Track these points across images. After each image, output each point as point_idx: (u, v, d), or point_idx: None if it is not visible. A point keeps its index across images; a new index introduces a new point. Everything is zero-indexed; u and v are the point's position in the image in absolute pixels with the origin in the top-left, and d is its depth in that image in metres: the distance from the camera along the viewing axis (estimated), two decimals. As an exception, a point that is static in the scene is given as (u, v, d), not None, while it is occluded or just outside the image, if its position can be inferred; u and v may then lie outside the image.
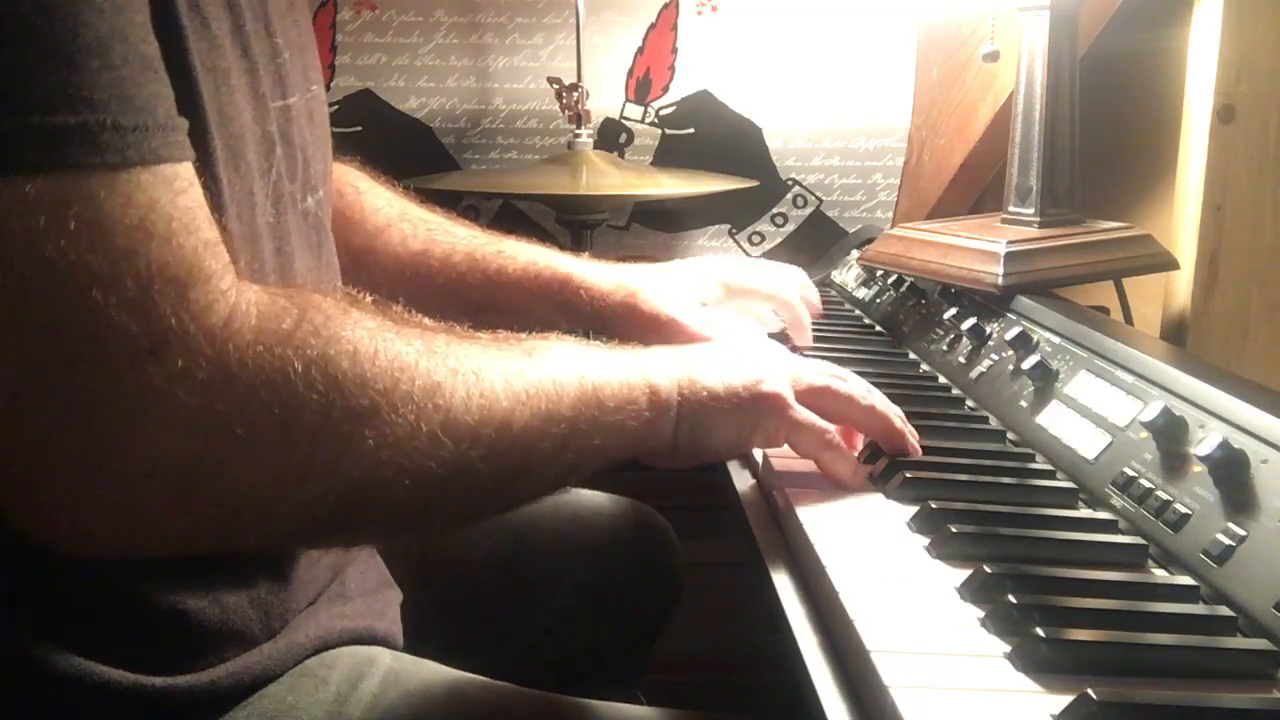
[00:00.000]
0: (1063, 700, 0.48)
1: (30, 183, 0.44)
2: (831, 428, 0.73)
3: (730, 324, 0.96)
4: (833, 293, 1.37)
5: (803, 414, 0.72)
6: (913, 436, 0.76)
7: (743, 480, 0.80)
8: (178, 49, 0.53)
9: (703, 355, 0.72)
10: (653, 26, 1.66)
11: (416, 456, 0.53)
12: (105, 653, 0.56)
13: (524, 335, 0.65)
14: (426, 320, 0.60)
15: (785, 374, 0.73)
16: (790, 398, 0.71)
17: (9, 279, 0.44)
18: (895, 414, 0.77)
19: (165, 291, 0.47)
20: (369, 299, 0.58)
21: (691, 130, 1.69)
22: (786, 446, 0.74)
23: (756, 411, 0.70)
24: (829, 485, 0.73)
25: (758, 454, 0.79)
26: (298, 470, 0.51)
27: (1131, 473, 0.69)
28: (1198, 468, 0.63)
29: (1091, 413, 0.76)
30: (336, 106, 1.67)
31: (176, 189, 0.48)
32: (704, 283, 1.00)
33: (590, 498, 1.06)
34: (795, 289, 1.05)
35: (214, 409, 0.48)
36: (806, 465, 0.74)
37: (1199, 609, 0.58)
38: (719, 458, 0.72)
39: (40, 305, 0.45)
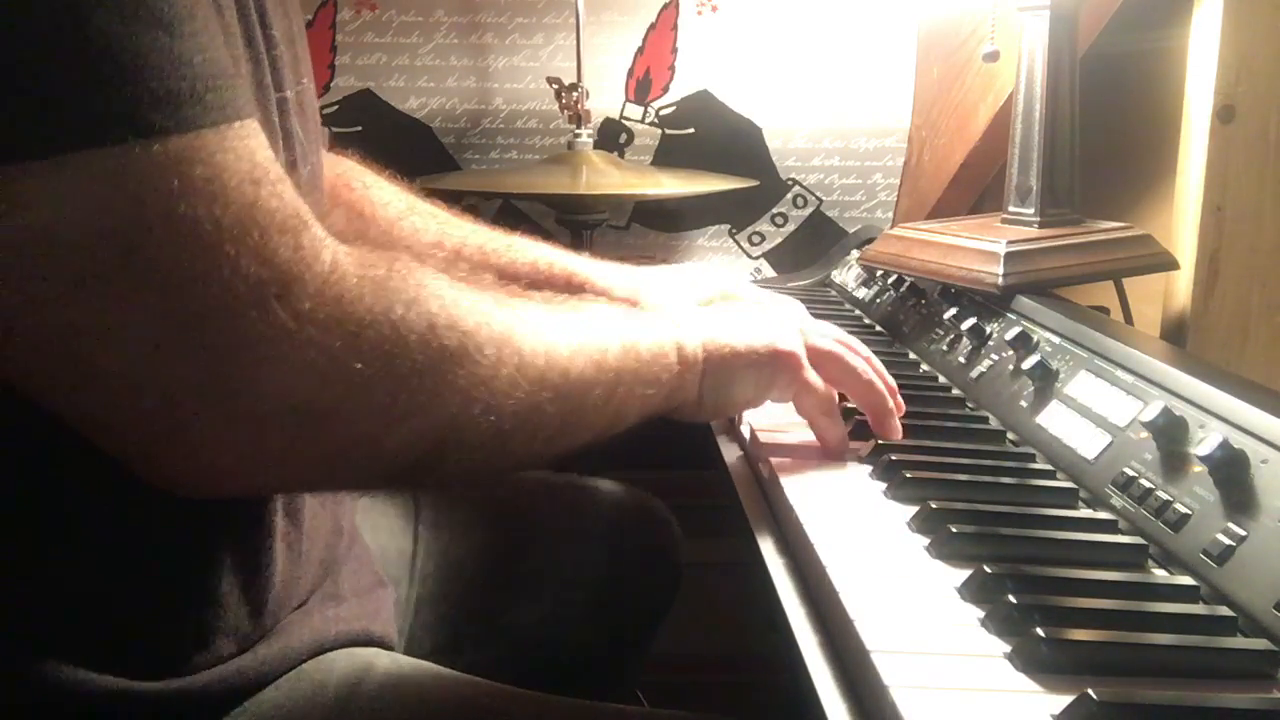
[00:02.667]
0: (1063, 700, 0.48)
1: (157, 144, 0.46)
2: (835, 395, 0.78)
3: None
4: (833, 293, 1.37)
5: (813, 377, 0.76)
6: (898, 412, 0.81)
7: (743, 481, 0.80)
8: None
9: (725, 316, 0.77)
10: (653, 26, 1.66)
11: (499, 396, 0.57)
12: (95, 659, 0.56)
13: (562, 296, 0.69)
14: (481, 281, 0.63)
15: (799, 335, 0.77)
16: (804, 358, 0.76)
17: (149, 240, 0.46)
18: (890, 393, 0.81)
19: (283, 239, 0.49)
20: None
21: (691, 130, 1.69)
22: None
23: (774, 369, 0.75)
24: (822, 483, 0.73)
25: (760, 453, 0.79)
26: (403, 406, 0.53)
27: (1131, 473, 0.69)
28: (1198, 468, 0.63)
29: (1091, 413, 0.76)
30: (336, 106, 1.68)
31: (259, 143, 0.51)
32: (705, 287, 1.01)
33: (588, 486, 1.05)
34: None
35: (335, 348, 0.51)
36: (804, 465, 0.74)
37: (1199, 609, 0.58)
38: (738, 410, 0.79)
39: (176, 261, 0.47)
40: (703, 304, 1.01)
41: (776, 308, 0.88)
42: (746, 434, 0.84)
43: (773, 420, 0.82)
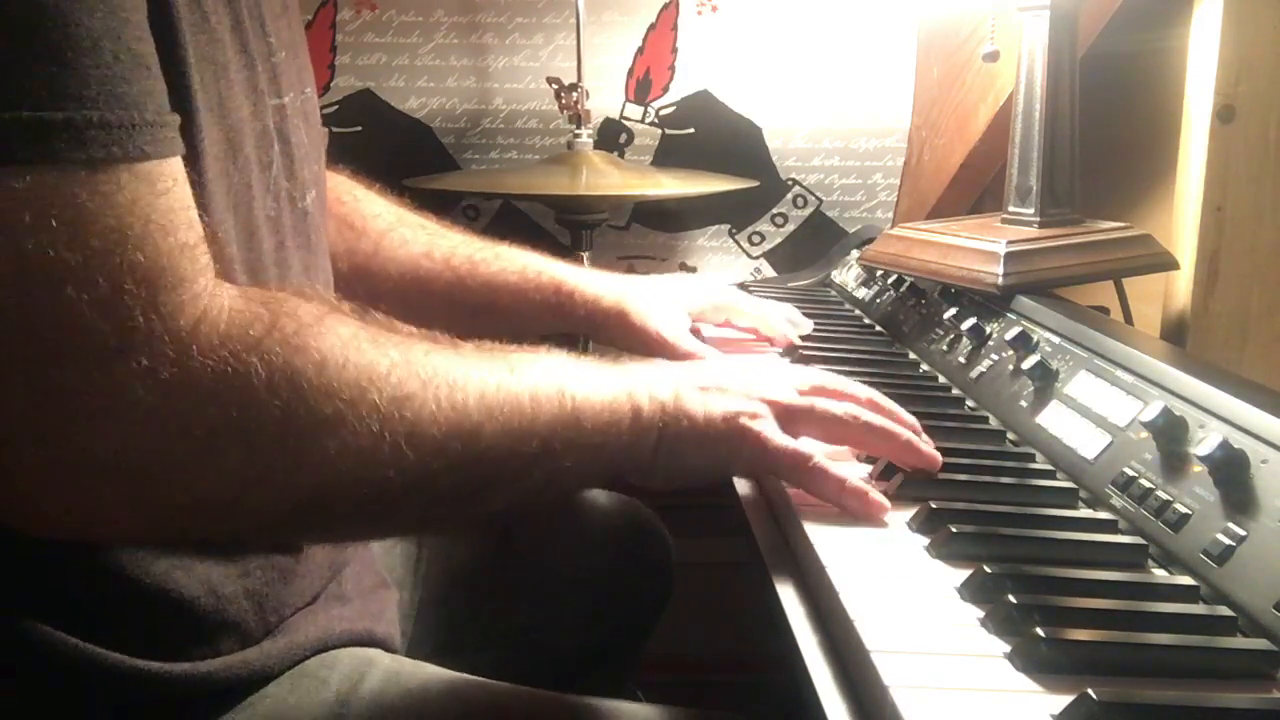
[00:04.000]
0: (1063, 700, 0.48)
1: (17, 177, 0.45)
2: (813, 453, 0.68)
3: (714, 348, 0.98)
4: (833, 293, 1.37)
5: (777, 444, 0.68)
6: (928, 445, 0.73)
7: (743, 482, 0.80)
8: (174, 42, 0.54)
9: (690, 378, 0.69)
10: (653, 26, 1.66)
11: (377, 466, 0.54)
12: (102, 636, 0.57)
13: (513, 346, 0.64)
14: (410, 328, 0.60)
15: (768, 400, 0.70)
16: (769, 429, 0.68)
17: None
18: (900, 425, 0.73)
19: (135, 292, 0.47)
20: (348, 306, 0.58)
21: (691, 130, 1.69)
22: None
23: (732, 444, 0.68)
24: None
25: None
26: (257, 474, 0.51)
27: (1131, 473, 0.69)
28: (1198, 468, 0.63)
29: (1091, 413, 0.76)
30: (336, 106, 1.68)
31: (159, 188, 0.49)
32: (692, 296, 1.02)
33: (584, 496, 1.06)
34: (780, 313, 1.07)
35: (176, 410, 0.49)
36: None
37: (1199, 609, 0.58)
38: (697, 483, 0.70)
39: (16, 299, 0.46)
40: (693, 314, 1.02)
41: (750, 369, 0.75)
42: None
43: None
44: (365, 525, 0.60)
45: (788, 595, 0.62)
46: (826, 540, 0.64)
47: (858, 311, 1.26)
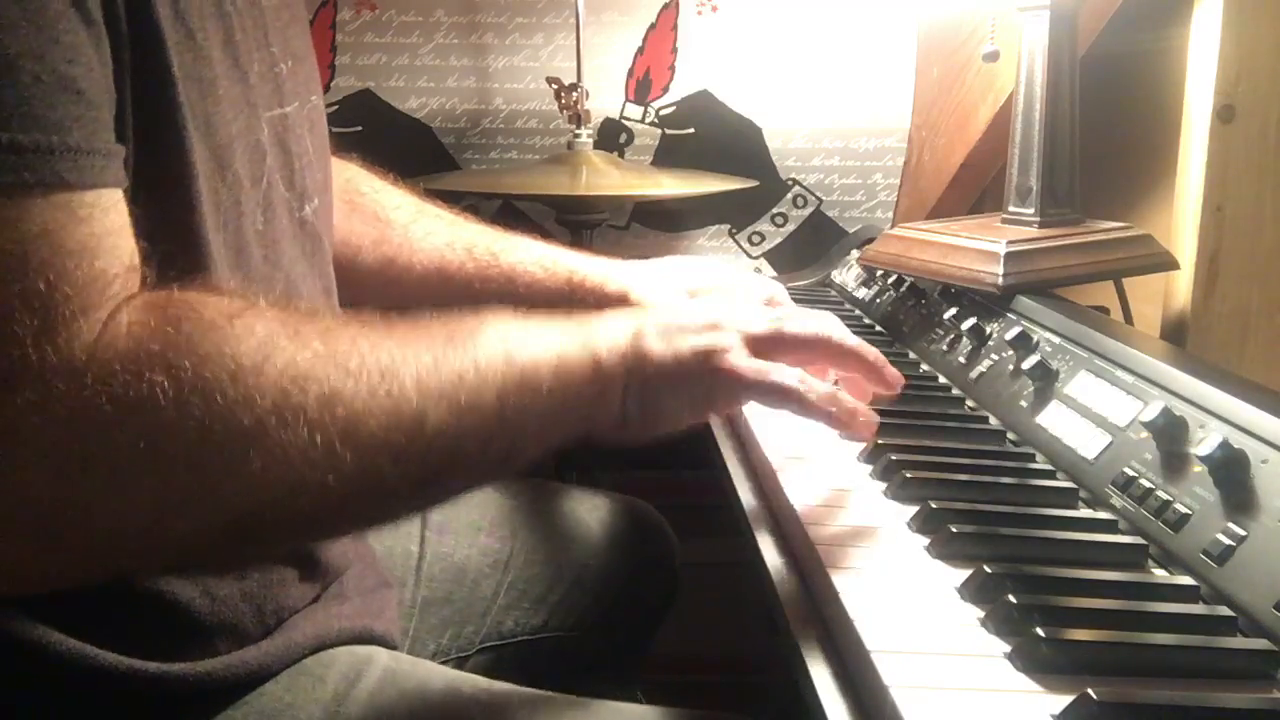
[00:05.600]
0: (1063, 700, 0.48)
1: None
2: (795, 374, 0.66)
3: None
4: (833, 293, 1.37)
5: (756, 372, 0.65)
6: (891, 370, 0.72)
7: (743, 481, 0.80)
8: (158, 60, 0.53)
9: (651, 322, 0.66)
10: (653, 26, 1.66)
11: (312, 472, 0.50)
12: (99, 637, 0.57)
13: (453, 316, 0.60)
14: (332, 316, 0.57)
15: (737, 331, 0.67)
16: (742, 360, 0.66)
17: None
18: (865, 349, 0.71)
19: (27, 323, 0.44)
20: (265, 300, 0.54)
21: (691, 130, 1.69)
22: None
23: (708, 382, 0.65)
24: (823, 483, 0.73)
25: (762, 456, 0.79)
26: (176, 499, 0.48)
27: (1131, 473, 0.69)
28: (1198, 468, 0.63)
29: (1091, 413, 0.76)
30: (336, 106, 1.68)
31: (80, 216, 0.46)
32: (693, 278, 1.01)
33: (587, 496, 1.06)
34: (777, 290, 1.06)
35: (73, 444, 0.45)
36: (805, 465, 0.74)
37: (1199, 609, 0.58)
38: (676, 429, 0.67)
39: None
40: (693, 295, 1.01)
41: (715, 305, 0.73)
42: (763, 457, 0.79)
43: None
44: (309, 534, 0.58)
45: (788, 595, 0.62)
46: (827, 540, 0.64)
47: (858, 311, 1.26)
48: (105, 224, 0.47)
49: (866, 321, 1.21)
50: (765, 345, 0.68)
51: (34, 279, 0.45)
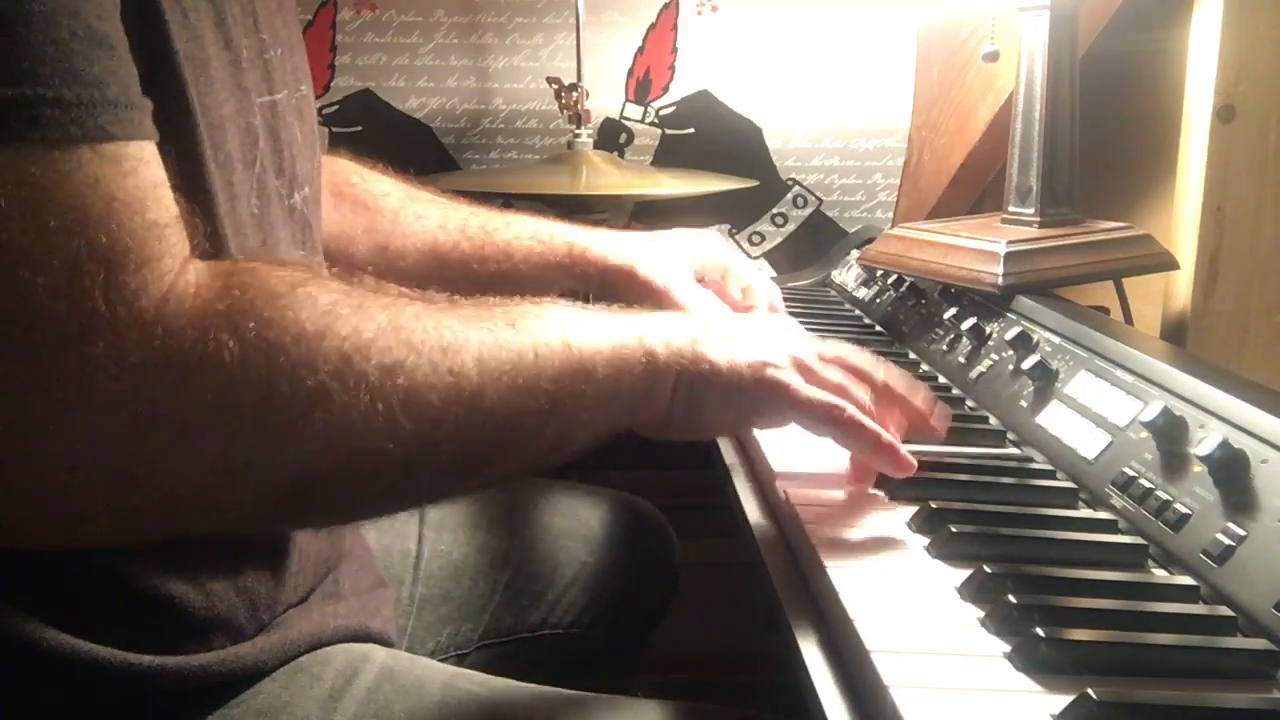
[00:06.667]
0: (1063, 700, 0.48)
1: None
2: (845, 404, 0.67)
3: (716, 300, 0.97)
4: (833, 293, 1.37)
5: (808, 394, 0.67)
6: (941, 415, 0.73)
7: (743, 483, 0.80)
8: (161, 34, 0.53)
9: (710, 326, 0.67)
10: (653, 26, 1.66)
11: (373, 438, 0.51)
12: (92, 630, 0.56)
13: (513, 300, 0.61)
14: (401, 290, 0.57)
15: (791, 354, 0.68)
16: (796, 381, 0.67)
17: None
18: (916, 393, 0.72)
19: (94, 274, 0.45)
20: (331, 271, 0.55)
21: (691, 130, 1.69)
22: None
23: (759, 394, 0.66)
24: (823, 483, 0.73)
25: (762, 456, 0.79)
26: (241, 458, 0.49)
27: (1131, 473, 0.69)
28: (1198, 468, 0.63)
29: (1091, 413, 0.76)
30: (336, 106, 1.68)
31: (125, 169, 0.47)
32: (697, 252, 1.01)
33: (586, 493, 1.06)
34: (765, 291, 1.05)
35: (144, 396, 0.46)
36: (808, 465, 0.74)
37: (1199, 609, 0.58)
38: (717, 435, 0.69)
39: None
40: (696, 270, 1.00)
41: (772, 323, 0.76)
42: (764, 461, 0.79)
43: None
44: (366, 504, 0.58)
45: (788, 595, 0.62)
46: (827, 541, 0.64)
47: (858, 311, 1.26)
48: (150, 176, 0.48)
49: (866, 321, 1.21)
50: (823, 368, 0.69)
51: (95, 231, 0.45)
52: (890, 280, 1.19)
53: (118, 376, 0.46)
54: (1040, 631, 0.52)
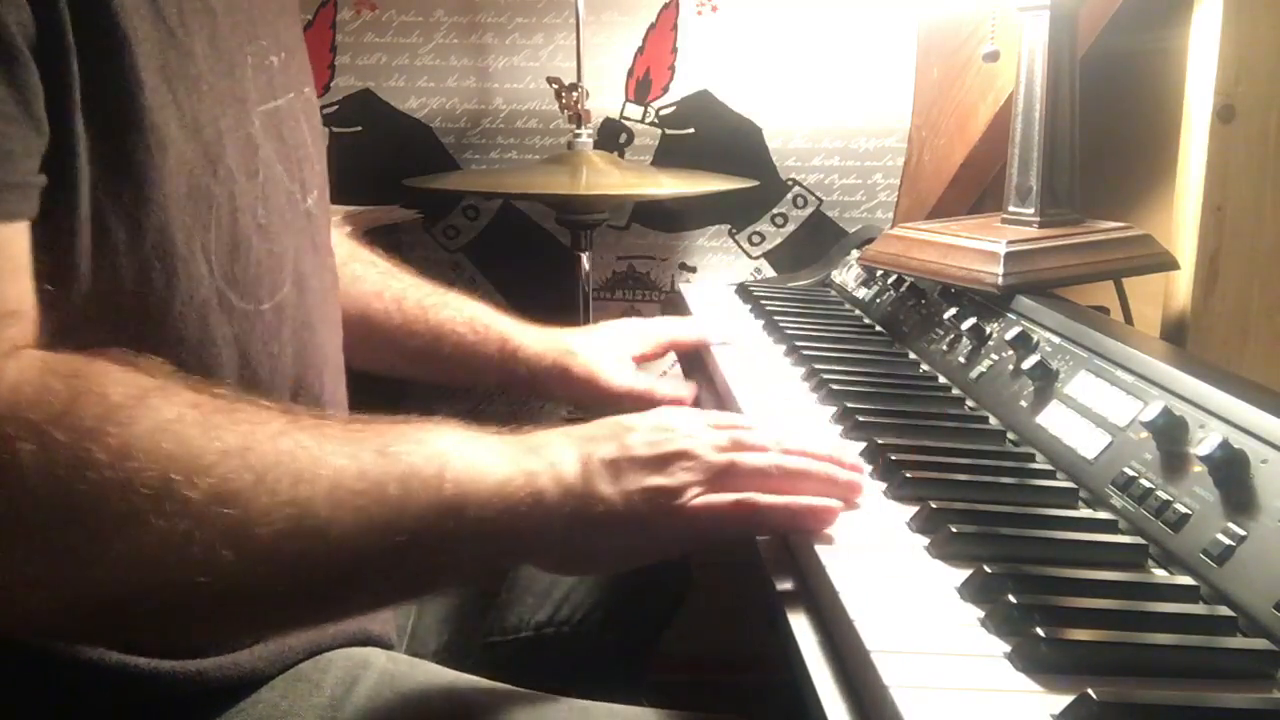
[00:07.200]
0: (1063, 700, 0.48)
1: None
2: (750, 496, 0.63)
3: (657, 382, 1.00)
4: (833, 293, 1.37)
5: (713, 508, 0.62)
6: (846, 474, 0.68)
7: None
8: (119, 65, 0.52)
9: (601, 452, 0.62)
10: (653, 26, 1.66)
11: (184, 570, 0.48)
12: None
13: (396, 420, 0.57)
14: (266, 405, 0.54)
15: (688, 462, 0.63)
16: (692, 502, 0.62)
17: None
18: (817, 461, 0.67)
19: None
20: (192, 380, 0.52)
21: (691, 130, 1.69)
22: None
23: (657, 523, 0.62)
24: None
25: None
26: (34, 572, 0.46)
27: (1131, 473, 0.69)
28: (1198, 468, 0.63)
29: (1091, 413, 0.76)
30: (336, 106, 1.68)
31: None
32: (631, 341, 1.03)
33: None
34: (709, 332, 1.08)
35: None
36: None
37: (1199, 609, 0.58)
38: (617, 570, 0.63)
39: None
40: (637, 357, 1.03)
41: (665, 423, 0.67)
42: None
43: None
44: (187, 631, 0.55)
45: (788, 595, 0.62)
46: (827, 541, 0.64)
47: (858, 311, 1.26)
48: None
49: (866, 322, 1.21)
50: (719, 477, 0.64)
51: None
52: (890, 280, 1.19)
53: None
54: (1040, 631, 0.52)
